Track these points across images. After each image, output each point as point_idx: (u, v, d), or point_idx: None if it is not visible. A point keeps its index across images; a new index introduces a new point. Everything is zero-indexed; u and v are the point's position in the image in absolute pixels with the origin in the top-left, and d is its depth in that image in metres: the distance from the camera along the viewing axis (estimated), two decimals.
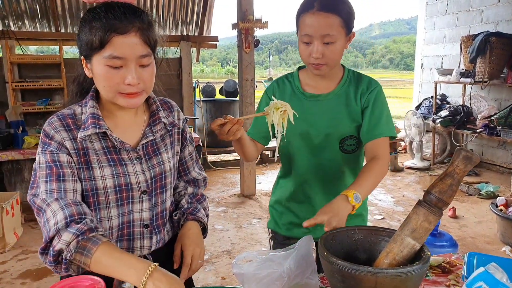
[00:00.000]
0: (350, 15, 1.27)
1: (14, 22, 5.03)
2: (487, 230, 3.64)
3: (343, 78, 1.40)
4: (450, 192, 0.95)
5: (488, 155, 5.75)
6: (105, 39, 0.94)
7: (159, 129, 1.13)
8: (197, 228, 1.18)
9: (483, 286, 0.88)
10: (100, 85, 1.00)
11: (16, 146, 4.26)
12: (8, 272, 2.95)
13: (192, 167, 1.28)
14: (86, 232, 0.92)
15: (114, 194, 1.06)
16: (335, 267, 0.92)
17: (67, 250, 0.91)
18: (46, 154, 1.00)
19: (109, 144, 1.06)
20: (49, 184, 0.97)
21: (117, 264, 0.90)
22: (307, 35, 1.25)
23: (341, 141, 1.39)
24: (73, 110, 1.06)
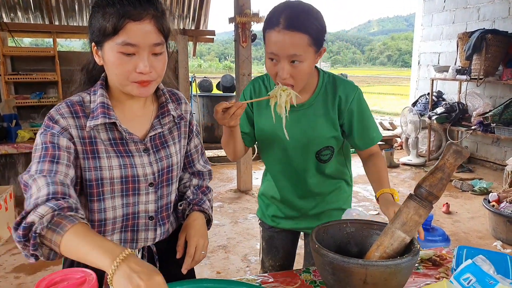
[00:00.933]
0: (320, 32, 1.17)
1: (7, 14, 4.98)
2: (479, 226, 3.67)
3: (318, 86, 1.33)
4: (440, 186, 0.95)
5: (482, 152, 5.78)
6: (119, 25, 0.91)
7: (167, 121, 1.11)
8: (202, 219, 1.17)
9: (470, 278, 0.90)
10: (112, 73, 0.97)
11: (10, 140, 4.22)
12: (1, 266, 2.94)
13: (197, 160, 1.27)
14: (64, 209, 0.84)
15: (120, 185, 1.04)
16: (326, 259, 0.93)
17: (39, 223, 0.81)
18: (46, 135, 0.96)
19: (116, 135, 1.04)
20: (41, 164, 0.91)
21: (91, 246, 0.78)
22: (272, 53, 1.16)
23: (318, 152, 1.37)
24: (81, 97, 1.03)
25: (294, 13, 1.13)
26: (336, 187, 1.48)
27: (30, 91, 4.71)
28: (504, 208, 3.29)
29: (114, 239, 1.10)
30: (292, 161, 1.40)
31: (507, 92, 5.27)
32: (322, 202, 1.47)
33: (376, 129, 1.41)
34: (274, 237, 1.58)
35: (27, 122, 4.57)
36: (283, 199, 1.49)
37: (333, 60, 72.32)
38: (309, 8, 1.16)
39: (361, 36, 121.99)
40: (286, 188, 1.47)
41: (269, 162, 1.48)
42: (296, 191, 1.46)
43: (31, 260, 0.85)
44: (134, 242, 1.12)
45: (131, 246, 1.12)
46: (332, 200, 1.48)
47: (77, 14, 5.23)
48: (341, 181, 1.50)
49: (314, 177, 1.42)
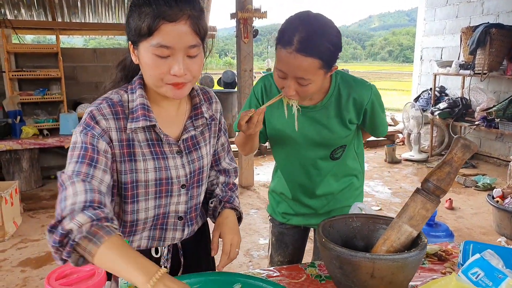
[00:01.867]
0: (333, 53, 1.15)
1: (10, 11, 4.98)
2: (483, 221, 3.66)
3: (331, 88, 1.33)
4: (448, 180, 0.96)
5: (485, 147, 5.77)
6: (154, 26, 0.88)
7: (200, 124, 1.10)
8: (233, 217, 1.17)
9: (479, 272, 0.90)
10: (146, 74, 0.96)
11: (14, 135, 4.26)
12: (8, 260, 2.97)
13: (223, 158, 1.26)
14: (102, 219, 0.84)
15: (154, 187, 1.04)
16: (333, 253, 0.93)
17: (78, 231, 0.81)
18: (86, 136, 0.94)
19: (153, 136, 1.03)
20: (79, 165, 0.91)
21: (126, 261, 0.79)
22: (281, 71, 1.16)
23: (332, 152, 1.39)
24: (120, 96, 1.02)
25: (308, 35, 1.09)
26: (347, 185, 1.49)
27: (33, 88, 4.73)
28: (508, 204, 3.28)
29: (143, 236, 1.11)
30: (304, 161, 1.41)
31: (511, 86, 5.25)
32: (333, 200, 1.48)
33: (385, 124, 1.48)
34: (284, 233, 1.59)
35: (31, 118, 4.59)
36: (294, 197, 1.50)
37: None
38: (324, 28, 1.12)
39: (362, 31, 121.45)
40: (297, 187, 1.48)
41: (281, 161, 1.49)
42: (307, 190, 1.47)
43: (59, 262, 0.86)
44: (161, 240, 1.14)
45: (158, 244, 1.14)
46: (344, 197, 1.49)
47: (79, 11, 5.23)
48: (352, 178, 1.50)
49: (326, 178, 1.44)
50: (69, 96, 4.78)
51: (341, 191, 1.48)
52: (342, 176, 1.47)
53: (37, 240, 3.30)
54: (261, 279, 0.99)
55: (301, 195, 1.48)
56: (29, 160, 4.47)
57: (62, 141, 4.33)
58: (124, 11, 5.40)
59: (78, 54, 5.04)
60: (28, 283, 2.65)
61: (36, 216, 3.81)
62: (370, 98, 1.33)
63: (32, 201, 4.16)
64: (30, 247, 3.16)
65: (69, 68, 4.90)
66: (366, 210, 1.22)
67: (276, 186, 1.55)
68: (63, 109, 4.69)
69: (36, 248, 3.15)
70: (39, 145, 4.28)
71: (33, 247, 3.16)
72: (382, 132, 1.48)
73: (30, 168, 4.50)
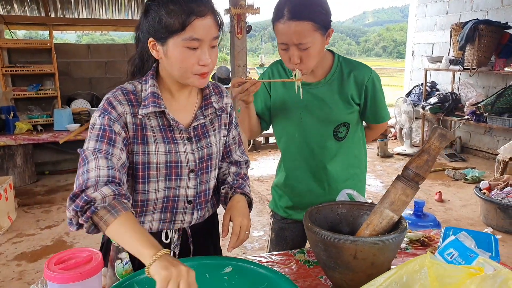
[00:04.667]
0: (325, 16, 1.25)
1: (3, 6, 4.96)
2: (471, 213, 3.76)
3: (333, 66, 1.41)
4: (426, 167, 1.01)
5: (475, 141, 5.87)
6: (187, 22, 0.98)
7: (210, 113, 1.18)
8: (244, 201, 1.23)
9: (453, 252, 0.96)
10: (175, 67, 1.03)
11: (8, 131, 4.26)
12: (3, 254, 3.00)
13: (234, 151, 1.32)
14: (122, 195, 0.95)
15: (165, 169, 1.11)
16: (318, 237, 0.99)
17: (102, 201, 0.91)
18: (104, 118, 1.03)
19: (165, 122, 1.11)
20: (100, 143, 1.00)
21: (136, 236, 0.88)
22: (283, 43, 1.26)
23: (335, 128, 1.42)
24: (134, 86, 1.10)
25: (296, 3, 1.22)
26: (352, 174, 1.51)
27: (27, 83, 4.73)
28: (494, 195, 3.38)
29: (154, 218, 1.18)
30: (309, 139, 1.43)
31: (500, 82, 5.34)
32: (336, 189, 1.45)
33: (386, 109, 1.51)
34: (284, 228, 1.59)
35: (24, 114, 4.60)
36: (297, 185, 1.50)
37: None
38: None
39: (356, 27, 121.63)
40: (301, 172, 1.48)
41: (285, 142, 1.49)
42: (313, 174, 1.47)
43: (73, 228, 0.96)
44: (172, 222, 1.20)
45: (168, 226, 1.20)
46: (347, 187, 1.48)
47: (73, 6, 5.21)
48: (357, 169, 1.53)
49: (332, 161, 1.45)
50: (63, 91, 4.79)
51: (345, 181, 1.49)
52: (347, 165, 1.48)
53: (32, 234, 3.33)
54: (252, 262, 1.04)
55: (306, 179, 1.48)
56: (23, 156, 4.48)
57: (56, 136, 4.34)
58: (117, 7, 5.40)
59: (72, 50, 5.04)
60: (24, 276, 2.68)
61: (31, 211, 3.83)
62: (371, 76, 1.40)
63: (26, 196, 4.18)
64: (25, 242, 3.19)
65: (63, 63, 4.91)
66: (355, 197, 1.28)
67: (279, 180, 1.56)
68: (57, 105, 4.70)
69: (31, 243, 3.18)
70: (33, 141, 4.30)
71: (28, 242, 3.19)
72: (384, 116, 1.50)
73: (24, 163, 4.52)
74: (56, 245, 3.14)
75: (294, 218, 1.56)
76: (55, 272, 0.91)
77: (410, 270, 0.85)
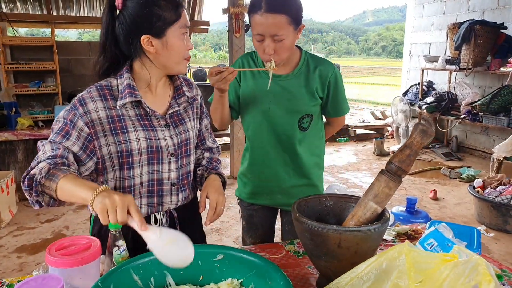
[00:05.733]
0: (297, 11, 1.35)
1: (6, 4, 5.01)
2: (465, 211, 3.82)
3: (301, 61, 1.51)
4: (408, 161, 1.07)
5: (471, 140, 5.93)
6: (180, 12, 1.14)
7: (183, 101, 1.28)
8: (219, 180, 1.33)
9: (433, 242, 1.02)
10: (173, 54, 1.16)
11: (10, 127, 4.31)
12: (4, 247, 3.06)
13: (207, 138, 1.44)
14: (59, 163, 1.03)
15: (146, 154, 1.19)
16: (305, 226, 1.05)
17: (39, 174, 1.00)
18: (69, 113, 1.12)
19: (142, 112, 1.20)
20: (56, 135, 1.11)
21: (78, 186, 0.97)
22: (258, 34, 1.35)
23: (300, 119, 1.52)
24: (109, 82, 1.18)
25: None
26: (315, 163, 1.61)
27: (28, 80, 4.78)
28: (488, 193, 3.43)
29: (142, 203, 1.25)
30: (276, 127, 1.53)
31: (495, 82, 5.40)
32: (301, 174, 1.59)
33: (346, 103, 1.62)
34: (253, 215, 1.68)
35: (26, 110, 4.64)
36: (264, 171, 1.58)
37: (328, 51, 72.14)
38: None
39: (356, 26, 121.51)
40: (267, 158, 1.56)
41: (253, 130, 1.57)
42: (281, 159, 1.56)
43: (36, 207, 1.05)
44: (160, 205, 1.28)
45: (157, 209, 1.27)
46: (309, 174, 1.60)
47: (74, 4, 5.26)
48: (318, 158, 1.63)
49: (296, 147, 1.55)
50: (64, 88, 4.84)
51: (310, 168, 1.59)
52: (310, 153, 1.59)
53: (33, 228, 3.39)
54: (242, 250, 1.09)
55: (273, 166, 1.57)
56: (24, 151, 4.52)
57: None
58: None
59: (73, 47, 5.09)
60: (24, 268, 2.75)
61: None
62: (334, 72, 1.52)
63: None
64: (25, 235, 3.26)
65: (64, 60, 4.96)
66: (341, 190, 1.34)
67: (244, 168, 1.66)
68: (58, 101, 4.75)
69: (31, 236, 3.24)
70: (34, 136, 4.34)
71: (28, 235, 3.26)
72: (345, 108, 1.61)
73: (25, 159, 4.56)
74: (56, 238, 3.19)
75: (260, 204, 1.66)
76: (56, 257, 0.97)
77: (389, 258, 0.91)
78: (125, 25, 1.13)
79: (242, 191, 1.69)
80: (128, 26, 1.13)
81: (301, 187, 1.60)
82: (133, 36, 1.13)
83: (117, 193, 0.92)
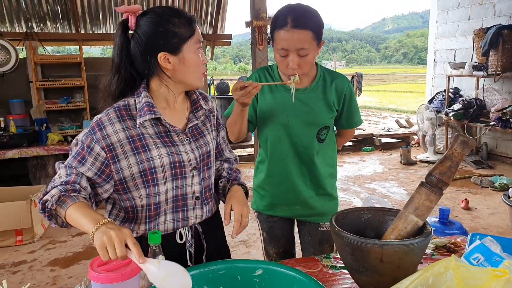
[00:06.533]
0: (319, 27, 1.40)
1: (37, 24, 5.23)
2: (500, 221, 3.68)
3: (318, 75, 1.55)
4: (449, 174, 1.04)
5: (502, 147, 5.74)
6: (193, 27, 1.17)
7: (201, 114, 1.29)
8: (242, 191, 1.33)
9: (479, 257, 0.98)
10: (190, 70, 1.18)
11: (41, 142, 4.46)
12: (37, 260, 3.13)
13: (225, 150, 1.45)
14: (69, 191, 1.07)
15: (170, 170, 1.20)
16: (345, 241, 1.03)
17: (50, 201, 1.05)
18: (87, 138, 1.14)
19: (161, 129, 1.20)
20: (72, 159, 1.14)
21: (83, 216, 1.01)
22: (283, 49, 1.39)
23: (318, 131, 1.56)
24: (127, 101, 1.19)
25: (298, 14, 1.37)
26: (330, 173, 1.65)
27: (58, 96, 4.95)
28: None
29: (167, 219, 1.25)
30: (295, 140, 1.55)
31: None
32: (317, 184, 1.62)
33: (359, 115, 1.68)
34: (273, 227, 1.69)
35: (56, 126, 4.80)
36: (282, 183, 1.60)
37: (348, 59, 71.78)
38: (309, 8, 1.41)
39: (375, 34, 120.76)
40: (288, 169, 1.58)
41: (272, 143, 1.58)
42: (299, 171, 1.59)
43: (52, 224, 1.11)
44: (185, 220, 1.28)
45: (183, 224, 1.27)
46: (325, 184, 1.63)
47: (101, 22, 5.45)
48: (332, 168, 1.67)
49: (317, 156, 1.58)
50: (92, 103, 4.99)
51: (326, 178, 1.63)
52: (326, 164, 1.62)
53: (64, 241, 3.47)
54: (281, 265, 1.09)
55: (291, 177, 1.59)
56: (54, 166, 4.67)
57: None
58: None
59: (100, 63, 5.26)
60: (58, 282, 2.80)
61: None
62: (348, 86, 1.58)
63: None
64: (58, 248, 3.33)
65: (92, 77, 5.12)
66: (380, 202, 1.32)
67: (262, 181, 1.65)
68: (86, 116, 4.90)
69: (63, 249, 3.31)
70: (64, 151, 4.47)
71: (60, 248, 3.33)
72: (358, 121, 1.67)
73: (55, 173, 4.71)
74: (87, 252, 3.26)
75: (279, 215, 1.67)
76: (99, 273, 0.99)
77: (435, 273, 0.88)
78: (142, 44, 1.14)
79: (260, 204, 1.70)
80: (145, 45, 1.14)
81: (318, 196, 1.63)
82: (150, 54, 1.14)
83: (114, 227, 0.95)
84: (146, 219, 1.23)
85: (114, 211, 1.26)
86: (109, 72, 1.20)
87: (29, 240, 3.42)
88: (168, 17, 1.13)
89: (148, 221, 1.23)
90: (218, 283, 1.04)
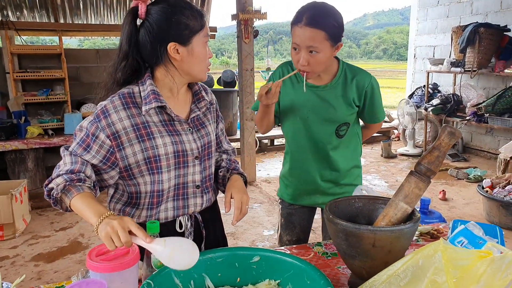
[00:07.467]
0: (337, 29, 1.40)
1: (13, 12, 5.05)
2: (474, 211, 3.84)
3: (338, 71, 1.57)
4: (437, 163, 1.10)
5: (476, 141, 5.96)
6: (203, 22, 1.19)
7: (203, 105, 1.33)
8: (241, 180, 1.38)
9: (463, 240, 1.05)
10: (197, 62, 1.20)
11: (19, 136, 4.33)
12: (20, 255, 3.07)
13: (223, 141, 1.49)
14: (74, 180, 1.09)
15: (174, 159, 1.22)
16: (340, 227, 1.07)
17: (55, 190, 1.08)
18: (92, 125, 1.15)
19: (165, 117, 1.23)
20: (77, 146, 1.15)
21: (87, 208, 1.04)
22: (295, 44, 1.43)
23: (337, 127, 1.59)
24: (131, 89, 1.20)
25: (315, 13, 1.38)
26: (352, 164, 1.69)
27: (37, 88, 4.80)
28: (497, 193, 3.46)
29: (168, 207, 1.28)
30: (314, 135, 1.59)
31: (500, 83, 5.44)
32: (338, 177, 1.66)
33: (382, 110, 1.69)
34: (292, 214, 1.76)
35: (35, 118, 4.67)
36: (303, 174, 1.66)
37: None
38: (329, 8, 1.41)
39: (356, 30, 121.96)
40: (308, 161, 1.64)
41: (293, 137, 1.65)
42: (318, 164, 1.63)
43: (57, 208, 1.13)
44: (185, 208, 1.31)
45: (183, 212, 1.30)
46: (345, 176, 1.68)
47: (81, 12, 5.31)
48: (355, 160, 1.71)
49: (335, 151, 1.61)
50: (73, 96, 4.88)
51: (346, 172, 1.66)
52: (346, 158, 1.66)
53: (48, 236, 3.41)
54: (278, 252, 1.12)
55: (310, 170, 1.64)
56: (34, 160, 4.55)
57: (67, 140, 4.41)
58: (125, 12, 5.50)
59: (81, 55, 5.13)
60: (43, 276, 2.76)
61: (44, 213, 3.92)
62: (370, 82, 1.57)
63: (38, 199, 4.25)
64: (41, 243, 3.28)
65: (72, 68, 5.00)
66: (368, 191, 1.37)
67: (286, 171, 1.73)
68: (67, 109, 4.79)
69: (47, 244, 3.26)
70: (44, 145, 4.36)
71: (44, 243, 3.27)
72: (380, 116, 1.68)
73: (35, 167, 4.58)
74: (72, 246, 3.22)
75: (300, 204, 1.74)
76: (97, 262, 0.99)
77: (425, 255, 0.93)
78: (153, 32, 1.15)
79: (284, 192, 1.76)
80: (156, 34, 1.15)
81: (339, 186, 1.68)
82: (160, 43, 1.15)
83: (116, 217, 0.98)
84: (149, 205, 1.25)
85: (116, 195, 1.28)
86: (116, 59, 1.20)
87: (10, 236, 3.35)
88: (181, 8, 1.15)
89: (150, 208, 1.26)
90: (217, 270, 1.07)
